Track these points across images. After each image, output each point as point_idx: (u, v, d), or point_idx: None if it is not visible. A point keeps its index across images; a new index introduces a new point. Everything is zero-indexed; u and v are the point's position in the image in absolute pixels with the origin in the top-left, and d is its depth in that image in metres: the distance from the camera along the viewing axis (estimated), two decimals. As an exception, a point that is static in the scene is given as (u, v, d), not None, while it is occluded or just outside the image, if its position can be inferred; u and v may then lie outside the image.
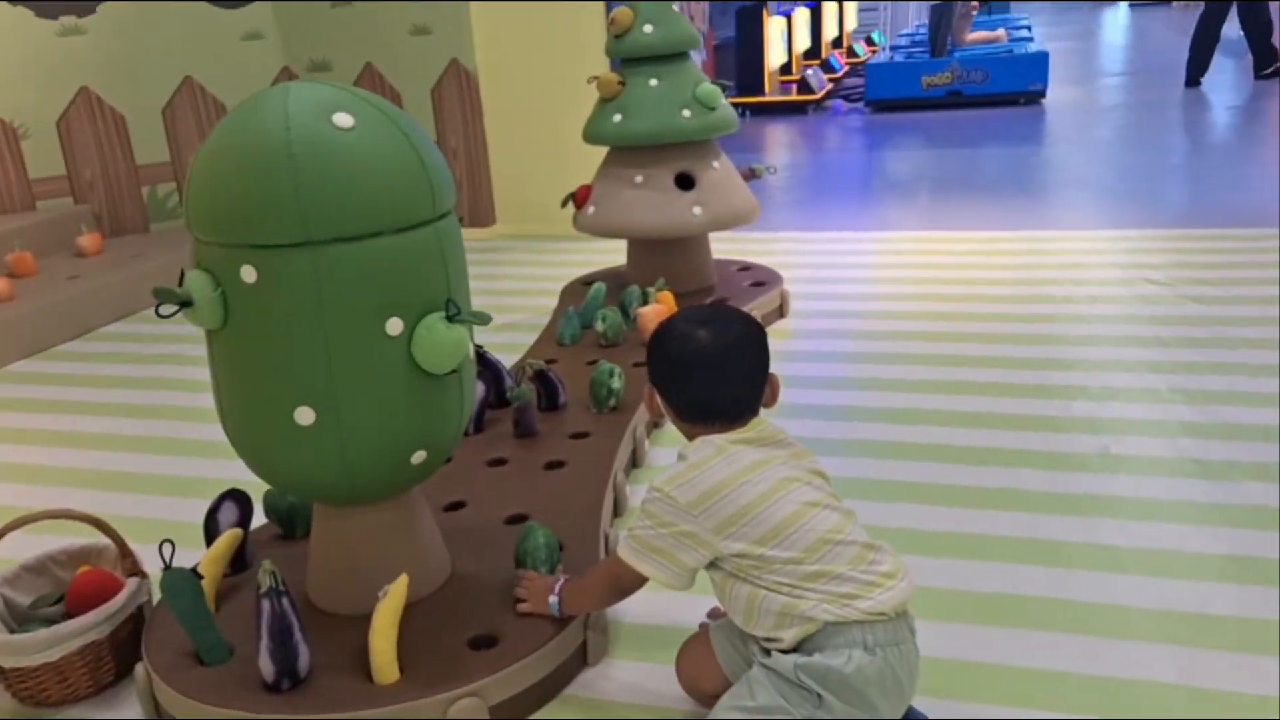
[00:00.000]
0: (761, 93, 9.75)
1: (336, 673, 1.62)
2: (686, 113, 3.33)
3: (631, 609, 1.96)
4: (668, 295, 3.19)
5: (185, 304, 1.52)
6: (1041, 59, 8.94)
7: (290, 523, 2.04)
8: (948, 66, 9.10)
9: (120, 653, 1.77)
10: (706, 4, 9.34)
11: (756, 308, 3.48)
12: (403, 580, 1.66)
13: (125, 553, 1.85)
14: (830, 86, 10.40)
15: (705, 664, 1.61)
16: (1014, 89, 8.91)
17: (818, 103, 9.77)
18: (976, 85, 9.05)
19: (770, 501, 1.44)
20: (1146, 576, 1.95)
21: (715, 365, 1.51)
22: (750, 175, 3.74)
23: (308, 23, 4.89)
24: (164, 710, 1.67)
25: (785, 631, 1.43)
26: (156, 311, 1.52)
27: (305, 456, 1.60)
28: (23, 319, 3.69)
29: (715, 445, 1.49)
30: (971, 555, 2.06)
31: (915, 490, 2.34)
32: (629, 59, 3.39)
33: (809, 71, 10.16)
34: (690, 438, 1.54)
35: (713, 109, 3.37)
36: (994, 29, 10.79)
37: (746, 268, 3.90)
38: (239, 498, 1.99)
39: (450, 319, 1.59)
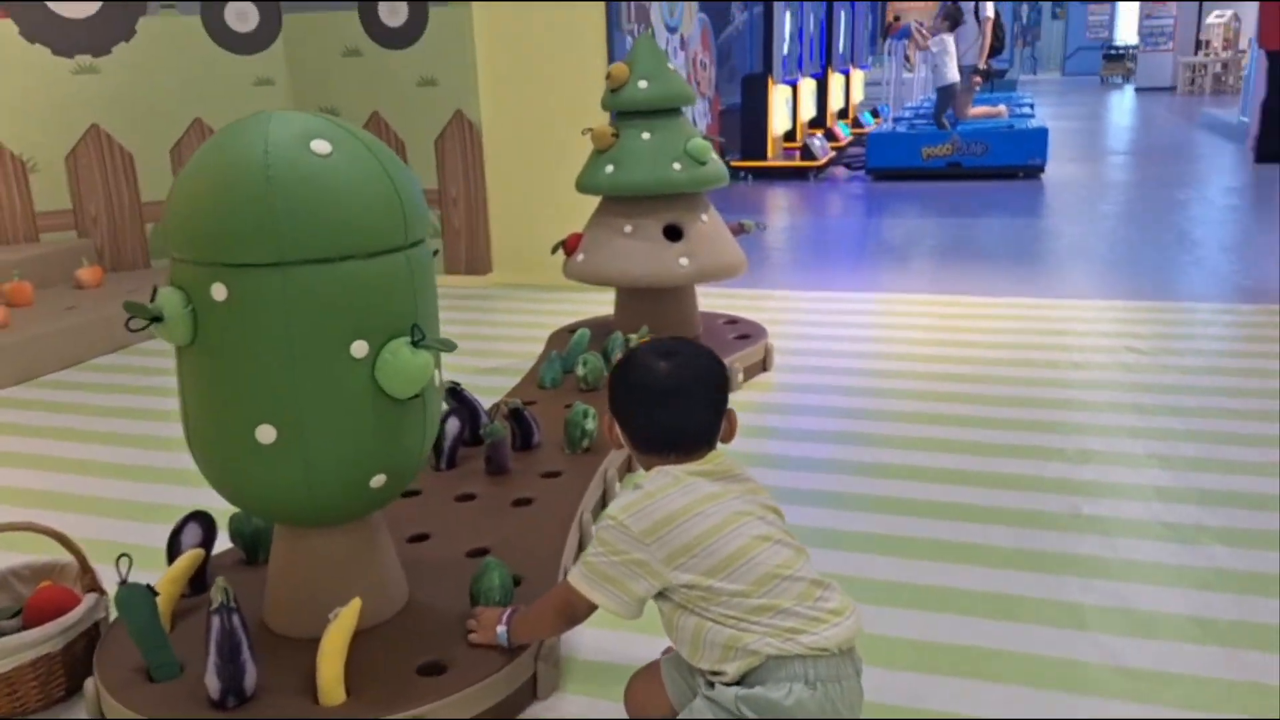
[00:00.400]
0: (764, 157, 9.91)
1: (284, 693, 1.62)
2: (677, 165, 3.39)
3: (585, 643, 1.96)
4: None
5: (155, 319, 1.55)
6: (1041, 134, 9.09)
7: (254, 548, 2.04)
8: (948, 138, 9.25)
9: (73, 668, 1.77)
10: (713, 70, 9.54)
11: (739, 359, 3.51)
12: (355, 604, 1.66)
13: (85, 569, 1.86)
14: (833, 154, 10.57)
15: (654, 695, 1.60)
16: (1013, 163, 9.05)
17: (819, 169, 9.92)
18: (976, 158, 9.19)
19: (722, 534, 1.45)
20: (1108, 634, 1.94)
21: (674, 397, 1.53)
22: (739, 230, 3.80)
23: (318, 71, 5.01)
24: (111, 727, 1.67)
25: (729, 664, 1.43)
26: (127, 325, 1.55)
27: (265, 474, 1.61)
28: (15, 346, 3.73)
29: (671, 475, 1.50)
30: (937, 607, 2.06)
31: (884, 542, 2.35)
32: (624, 112, 3.47)
33: (812, 139, 10.34)
34: (647, 468, 1.56)
35: (703, 163, 3.43)
36: (996, 105, 10.98)
37: (733, 321, 3.94)
38: (204, 520, 2.00)
39: (415, 344, 1.61)
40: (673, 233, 3.48)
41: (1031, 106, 11.60)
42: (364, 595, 1.71)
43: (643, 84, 3.41)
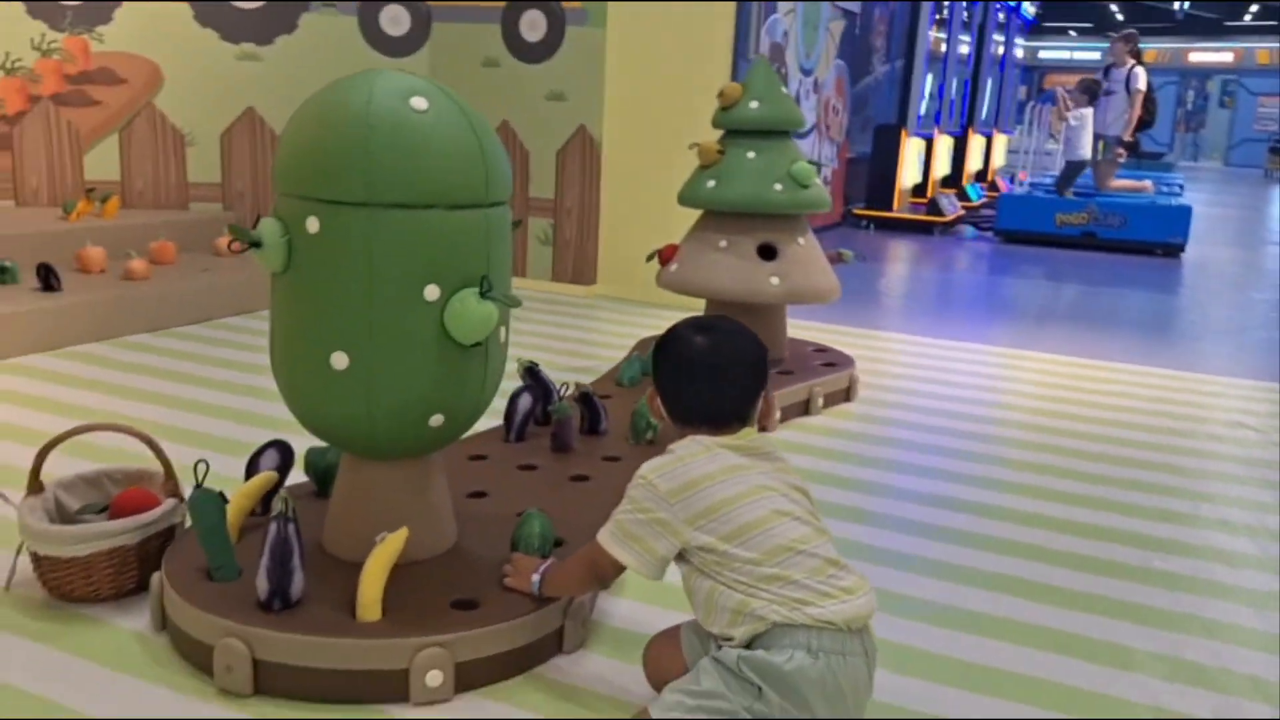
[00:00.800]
0: (890, 208, 9.85)
1: (325, 605, 1.73)
2: (778, 186, 3.45)
3: (618, 611, 2.02)
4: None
5: (255, 244, 1.71)
6: (1184, 212, 8.76)
7: (325, 481, 2.17)
8: (1084, 207, 9.01)
9: (145, 564, 1.92)
10: (845, 116, 9.56)
11: (821, 385, 3.53)
12: (402, 533, 1.77)
13: (170, 477, 2.03)
14: (962, 213, 10.43)
15: (671, 655, 1.66)
16: (1152, 239, 8.71)
17: (946, 226, 9.80)
18: (1112, 230, 8.91)
19: (742, 503, 1.51)
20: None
21: (708, 371, 1.60)
22: (836, 259, 3.83)
23: (458, 77, 5.26)
24: (169, 622, 1.80)
25: (738, 629, 1.47)
26: (229, 246, 1.71)
27: (334, 399, 1.74)
28: (152, 298, 4.04)
29: (702, 444, 1.57)
30: (969, 629, 2.05)
31: (923, 565, 2.34)
32: (732, 130, 3.56)
33: (942, 196, 10.23)
34: (681, 438, 1.62)
35: (805, 186, 3.48)
36: (1141, 180, 10.64)
37: (823, 349, 3.96)
38: (282, 448, 2.15)
39: (483, 295, 1.72)
40: (767, 252, 3.54)
41: (1181, 187, 11.18)
42: (413, 530, 1.82)
43: (754, 104, 3.50)
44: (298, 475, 2.22)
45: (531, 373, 2.72)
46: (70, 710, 1.61)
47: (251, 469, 2.13)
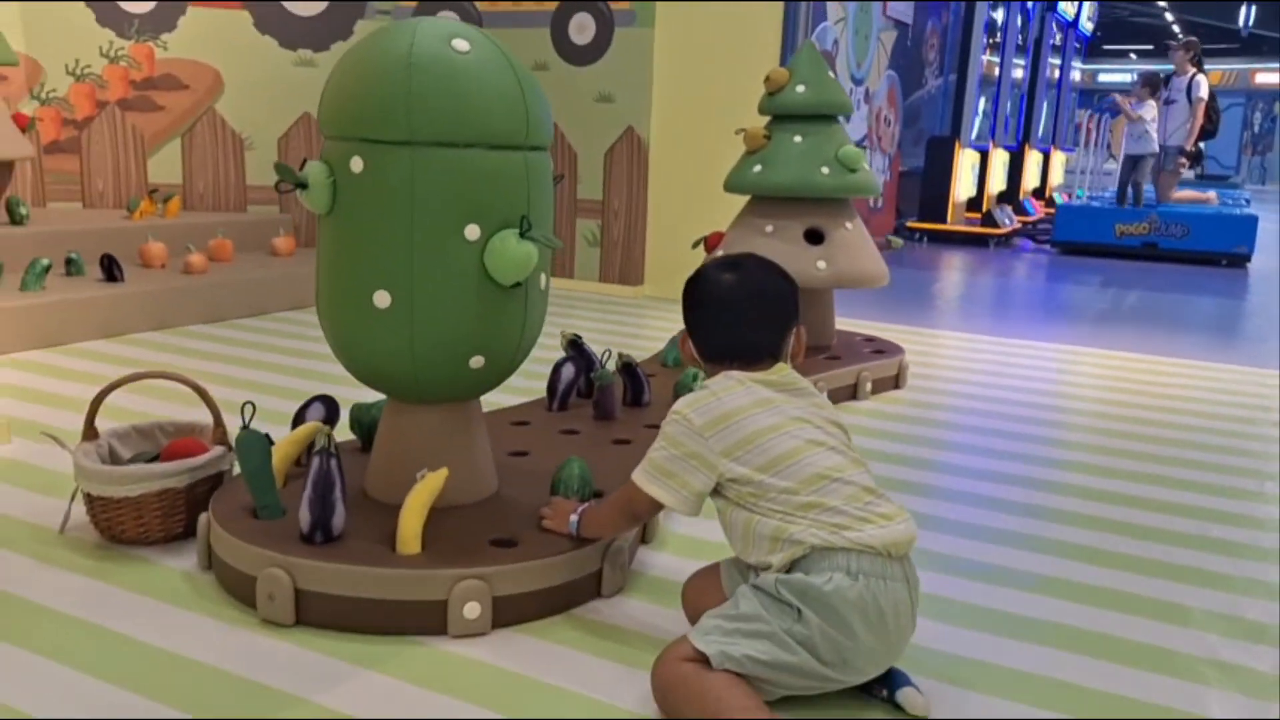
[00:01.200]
0: (944, 221, 9.75)
1: (366, 540, 1.75)
2: (825, 170, 3.44)
3: (658, 562, 2.01)
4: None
5: (301, 185, 1.74)
6: (1250, 222, 8.55)
7: (370, 436, 2.20)
8: (1145, 217, 8.84)
9: (193, 508, 1.95)
10: (897, 128, 9.51)
11: (870, 370, 3.49)
12: (442, 472, 1.78)
13: (219, 425, 2.07)
14: (1018, 226, 10.29)
15: (710, 589, 1.64)
16: (1216, 249, 8.51)
17: (1002, 238, 9.67)
18: (1175, 240, 8.72)
19: (776, 434, 1.51)
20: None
21: (736, 307, 1.61)
22: (886, 246, 3.80)
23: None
24: (215, 559, 1.83)
25: (776, 555, 1.46)
26: (276, 187, 1.75)
27: (377, 339, 1.77)
28: (209, 289, 4.15)
29: (735, 379, 1.57)
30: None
31: (973, 530, 2.30)
32: (779, 115, 3.56)
33: (998, 209, 10.10)
34: (711, 377, 1.62)
35: (853, 170, 3.47)
36: (1205, 192, 10.41)
37: (872, 339, 3.92)
38: (328, 402, 2.18)
39: (523, 235, 1.74)
40: (813, 236, 3.52)
41: (1247, 201, 10.91)
42: (454, 474, 1.83)
43: (800, 88, 3.50)
44: (343, 433, 2.25)
45: (575, 345, 2.73)
46: (120, 635, 1.64)
47: (297, 422, 2.16)
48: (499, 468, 2.08)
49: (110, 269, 3.92)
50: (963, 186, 10.01)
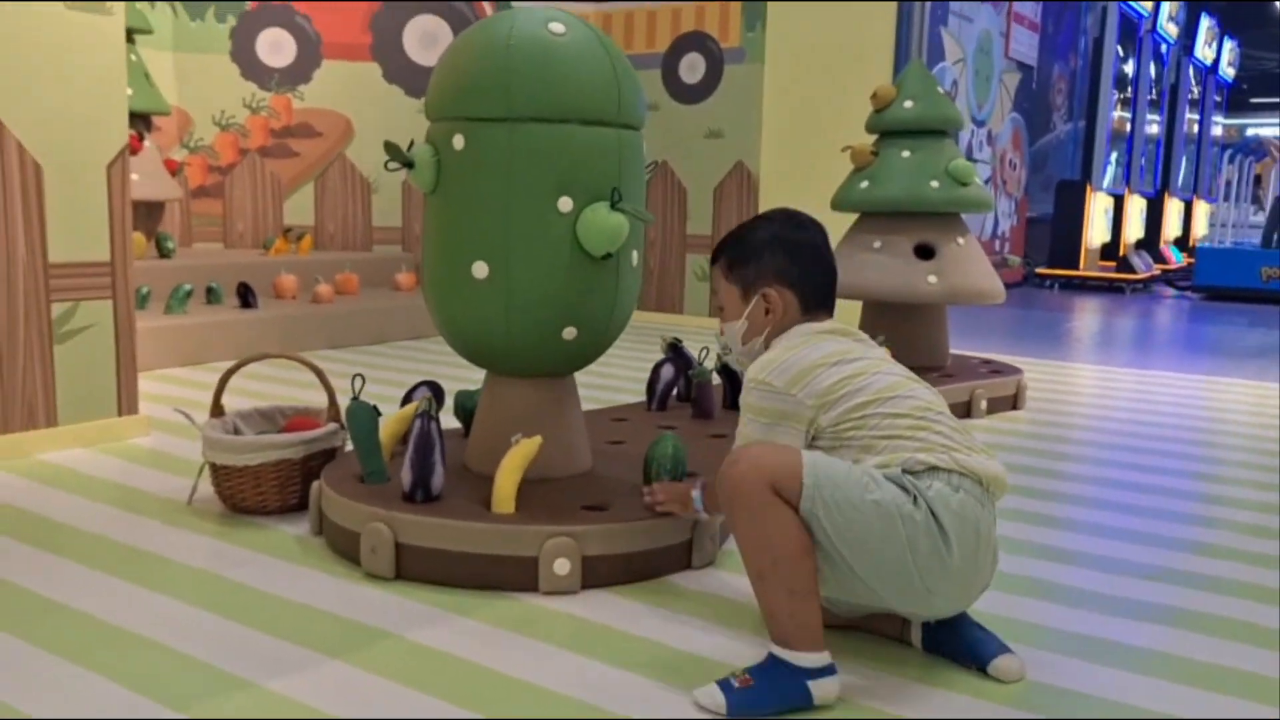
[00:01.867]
0: (1075, 267, 9.40)
1: (464, 500, 1.80)
2: (935, 184, 3.41)
3: (751, 537, 1.99)
4: (885, 351, 3.20)
5: (408, 164, 1.85)
6: None
7: (471, 423, 2.27)
8: (1295, 260, 8.36)
9: (307, 482, 2.05)
10: (1023, 171, 9.31)
11: (986, 388, 3.40)
12: (536, 438, 1.83)
13: (332, 404, 2.17)
14: (1156, 272, 9.86)
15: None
16: (1371, 293, 7.99)
17: (1139, 284, 9.28)
18: (1326, 284, 8.22)
19: (868, 375, 1.49)
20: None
21: (827, 252, 1.63)
22: (1002, 264, 3.73)
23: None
24: (325, 521, 1.91)
25: (889, 470, 1.41)
26: (385, 166, 1.86)
27: (475, 307, 1.84)
28: (334, 318, 4.37)
29: (810, 331, 1.55)
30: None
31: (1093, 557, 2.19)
32: (886, 132, 3.55)
33: (1135, 254, 9.71)
34: (778, 334, 1.58)
35: (964, 184, 3.42)
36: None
37: (989, 361, 3.82)
38: (433, 387, 2.27)
39: (613, 206, 1.80)
40: (924, 251, 3.48)
41: None
42: (548, 447, 1.87)
43: (908, 104, 3.49)
44: (449, 421, 2.32)
45: (674, 347, 2.76)
46: (238, 584, 1.74)
47: (405, 403, 2.25)
48: (595, 453, 2.11)
49: (246, 297, 4.18)
50: (1095, 232, 9.65)
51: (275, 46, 5.32)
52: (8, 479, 2.31)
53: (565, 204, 1.80)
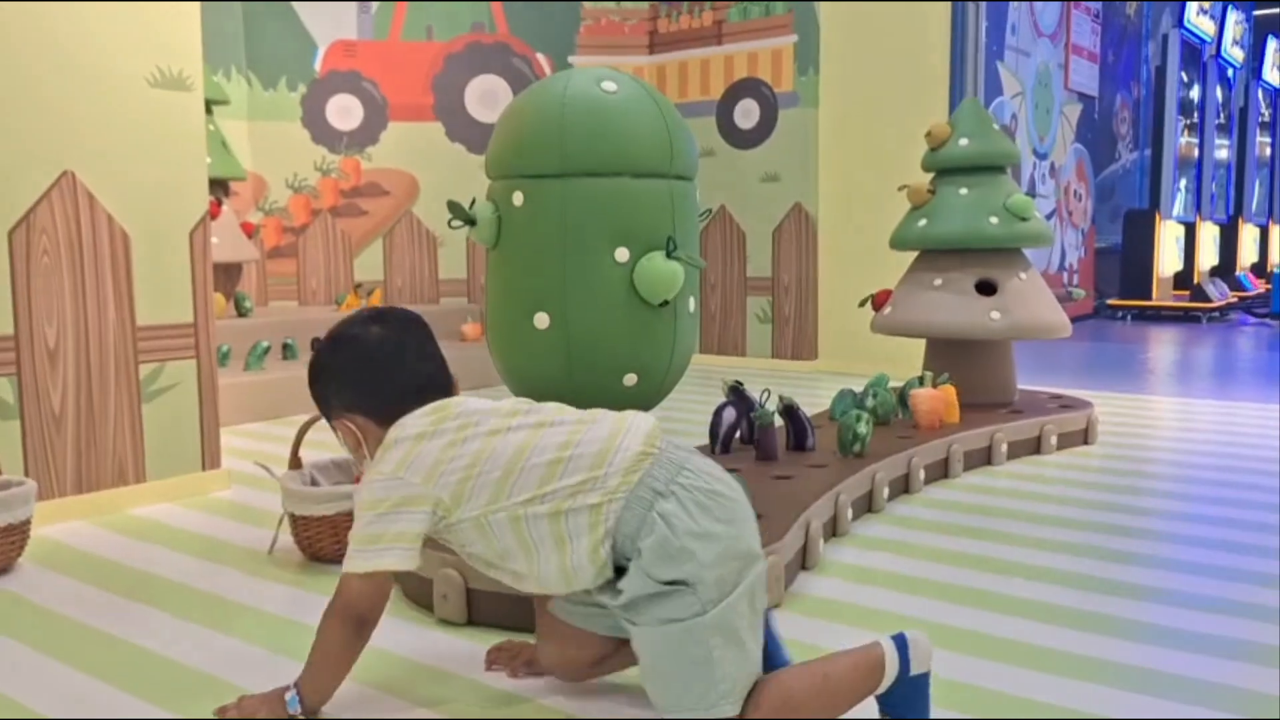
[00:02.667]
0: (1148, 297, 9.22)
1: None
2: (994, 220, 3.41)
3: (819, 586, 1.99)
4: (949, 389, 3.19)
5: (470, 221, 1.92)
6: None
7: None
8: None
9: (381, 530, 2.11)
10: (1089, 202, 9.18)
11: (1055, 423, 3.35)
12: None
13: (403, 454, 2.24)
14: (1233, 300, 9.61)
15: (571, 641, 1.51)
16: None
17: (1216, 313, 9.05)
18: None
19: (492, 449, 1.38)
20: None
21: (389, 347, 1.52)
22: (1067, 297, 3.69)
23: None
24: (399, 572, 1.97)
25: (601, 546, 1.32)
26: (450, 224, 1.94)
27: (537, 357, 1.91)
28: (406, 370, 4.48)
29: (414, 431, 1.42)
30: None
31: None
32: (943, 170, 3.56)
33: (1209, 282, 9.48)
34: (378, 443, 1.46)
35: (1024, 219, 3.41)
36: None
37: (1059, 396, 3.77)
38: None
39: (668, 255, 1.85)
40: (986, 288, 3.46)
41: None
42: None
43: (964, 141, 3.51)
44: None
45: (736, 390, 2.78)
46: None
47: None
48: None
49: (320, 352, 4.32)
50: (1167, 261, 9.47)
51: (344, 111, 5.54)
52: (101, 534, 2.42)
53: (622, 254, 1.86)
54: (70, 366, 2.51)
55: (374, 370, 1.49)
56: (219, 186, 4.62)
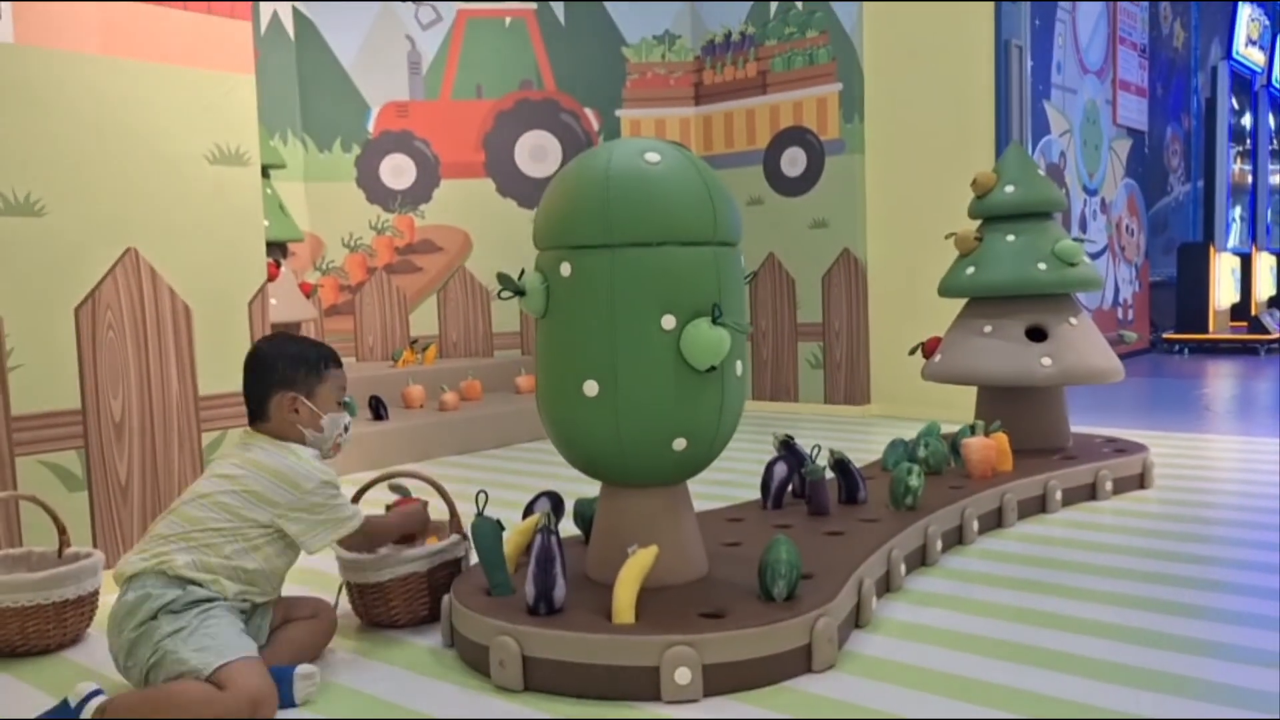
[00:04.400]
0: (1205, 330, 9.05)
1: (585, 612, 1.87)
2: (1042, 266, 3.39)
3: (872, 643, 1.99)
4: (1002, 437, 3.16)
5: (519, 292, 1.97)
6: None
7: (590, 531, 2.34)
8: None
9: (435, 593, 2.15)
10: (1141, 237, 9.05)
11: (1109, 467, 3.31)
12: (653, 548, 1.89)
13: (454, 515, 2.28)
14: (1292, 333, 9.38)
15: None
16: None
17: (1274, 344, 8.85)
18: None
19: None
20: None
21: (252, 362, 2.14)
22: (1118, 341, 3.65)
23: (726, 221, 5.64)
24: (455, 636, 2.00)
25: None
26: (499, 295, 1.99)
27: (588, 424, 1.94)
28: (460, 424, 4.56)
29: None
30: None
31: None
32: (989, 217, 3.56)
33: (1266, 313, 9.30)
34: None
35: (1072, 264, 3.40)
36: None
37: (1114, 440, 3.71)
38: (553, 496, 2.36)
39: (715, 321, 1.88)
40: (1036, 334, 3.44)
41: None
42: (664, 555, 1.94)
43: (1009, 188, 3.51)
44: (570, 529, 2.41)
45: (787, 445, 2.79)
46: (371, 696, 1.83)
47: (526, 514, 2.34)
48: (711, 556, 2.16)
49: (377, 409, 4.40)
50: (1223, 293, 9.30)
51: (397, 171, 5.69)
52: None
53: (668, 321, 1.89)
54: (135, 438, 2.60)
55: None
56: (277, 248, 4.75)
